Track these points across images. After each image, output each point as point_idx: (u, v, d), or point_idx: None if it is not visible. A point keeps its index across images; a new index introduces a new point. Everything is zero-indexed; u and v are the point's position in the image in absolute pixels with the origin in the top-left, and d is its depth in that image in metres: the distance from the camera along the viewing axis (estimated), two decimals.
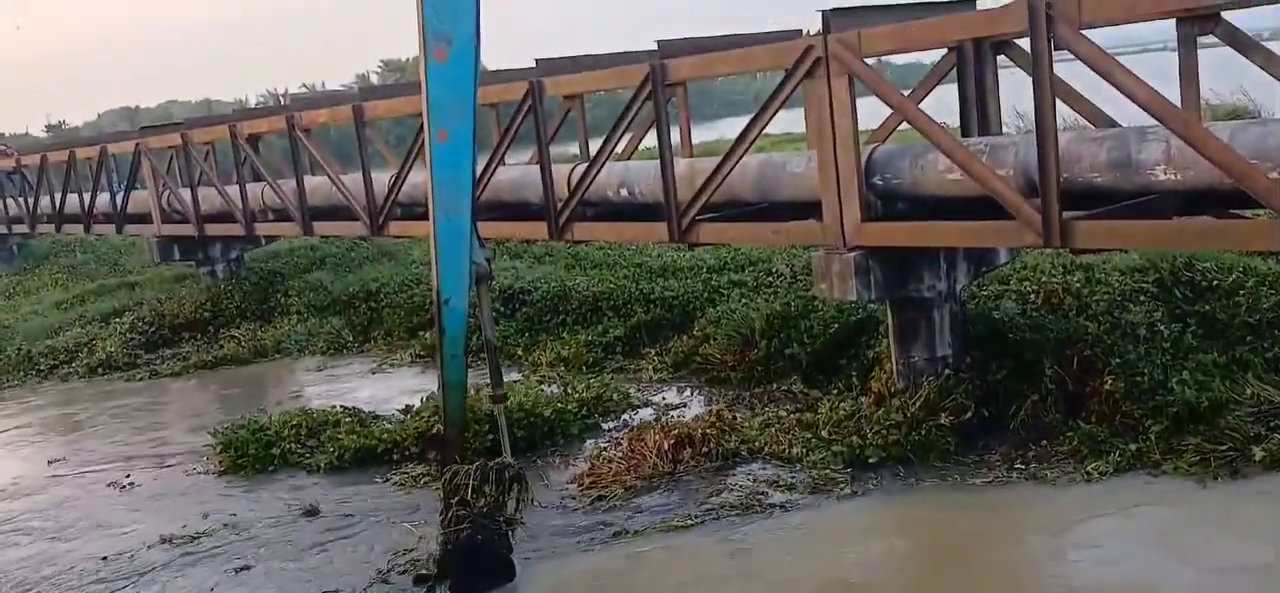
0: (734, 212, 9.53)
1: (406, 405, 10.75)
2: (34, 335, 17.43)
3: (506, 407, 8.05)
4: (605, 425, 10.02)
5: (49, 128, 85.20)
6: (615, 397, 10.58)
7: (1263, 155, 6.38)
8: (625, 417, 10.16)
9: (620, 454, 8.97)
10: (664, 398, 10.60)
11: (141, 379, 15.01)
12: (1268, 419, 7.71)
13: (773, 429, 8.99)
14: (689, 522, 7.73)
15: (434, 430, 9.33)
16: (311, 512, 8.83)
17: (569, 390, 10.62)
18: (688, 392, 10.78)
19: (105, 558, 8.46)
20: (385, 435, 9.99)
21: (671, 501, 8.14)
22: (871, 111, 8.81)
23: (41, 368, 16.06)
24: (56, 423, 13.29)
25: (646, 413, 10.14)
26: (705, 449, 8.74)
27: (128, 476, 10.46)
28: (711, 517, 7.77)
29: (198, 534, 8.67)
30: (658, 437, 8.94)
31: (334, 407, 11.06)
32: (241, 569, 7.93)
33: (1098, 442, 7.86)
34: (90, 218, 20.21)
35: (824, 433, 8.64)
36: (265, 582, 7.75)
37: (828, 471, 8.14)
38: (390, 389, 12.38)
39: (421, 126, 12.49)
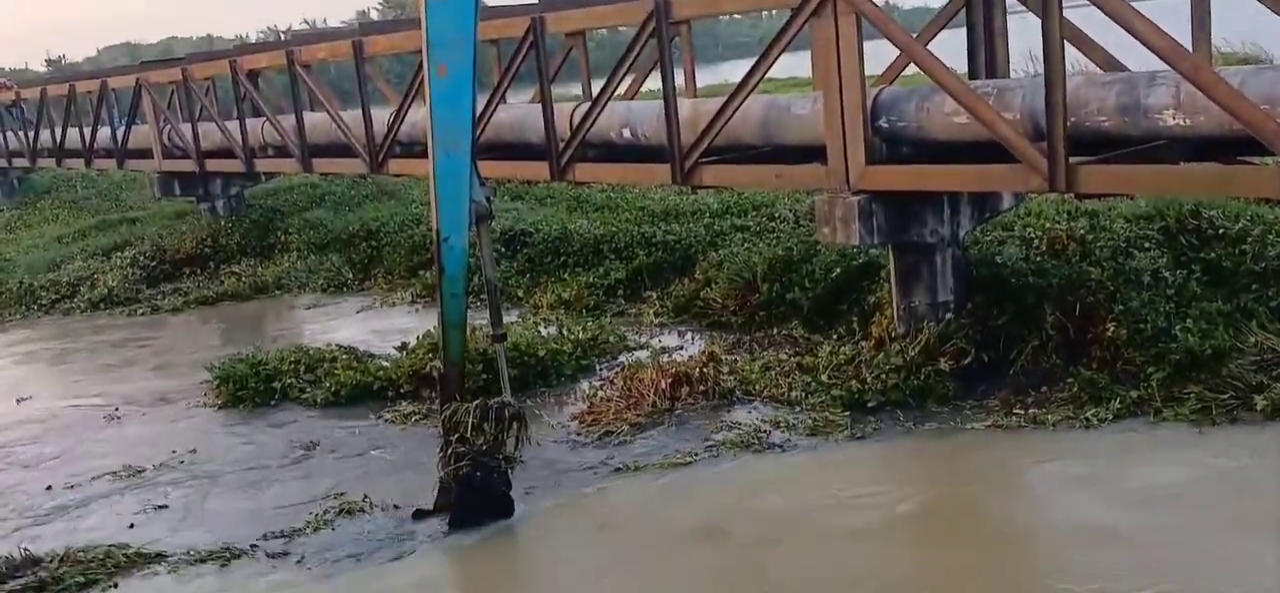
0: (737, 154, 9.45)
1: (402, 343, 10.75)
2: (35, 269, 17.46)
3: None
4: (599, 367, 10.02)
5: (49, 62, 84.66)
6: (612, 339, 10.58)
7: (1273, 102, 6.30)
8: (622, 359, 10.15)
9: (617, 392, 8.98)
10: (661, 342, 10.57)
11: (142, 314, 15.03)
12: (1270, 368, 7.67)
13: (772, 373, 8.98)
14: (690, 458, 7.76)
15: (429, 369, 9.33)
16: (309, 447, 8.86)
17: (565, 332, 10.62)
18: (688, 335, 10.75)
19: (50, 488, 8.54)
20: (381, 373, 10.01)
21: (671, 438, 8.17)
22: (877, 56, 8.70)
23: (43, 301, 16.07)
24: (57, 355, 13.33)
25: (642, 356, 10.11)
26: (702, 388, 8.77)
27: (116, 409, 10.46)
28: (711, 454, 7.80)
29: (156, 466, 8.73)
30: (654, 375, 8.95)
31: (329, 345, 11.05)
32: (160, 508, 7.95)
33: (1098, 388, 7.84)
34: (91, 153, 20.13)
35: (823, 377, 8.63)
36: (185, 517, 7.79)
37: (827, 413, 8.14)
38: (389, 327, 12.36)
39: (421, 63, 12.44)
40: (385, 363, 10.33)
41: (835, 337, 9.55)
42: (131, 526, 7.70)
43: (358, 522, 7.40)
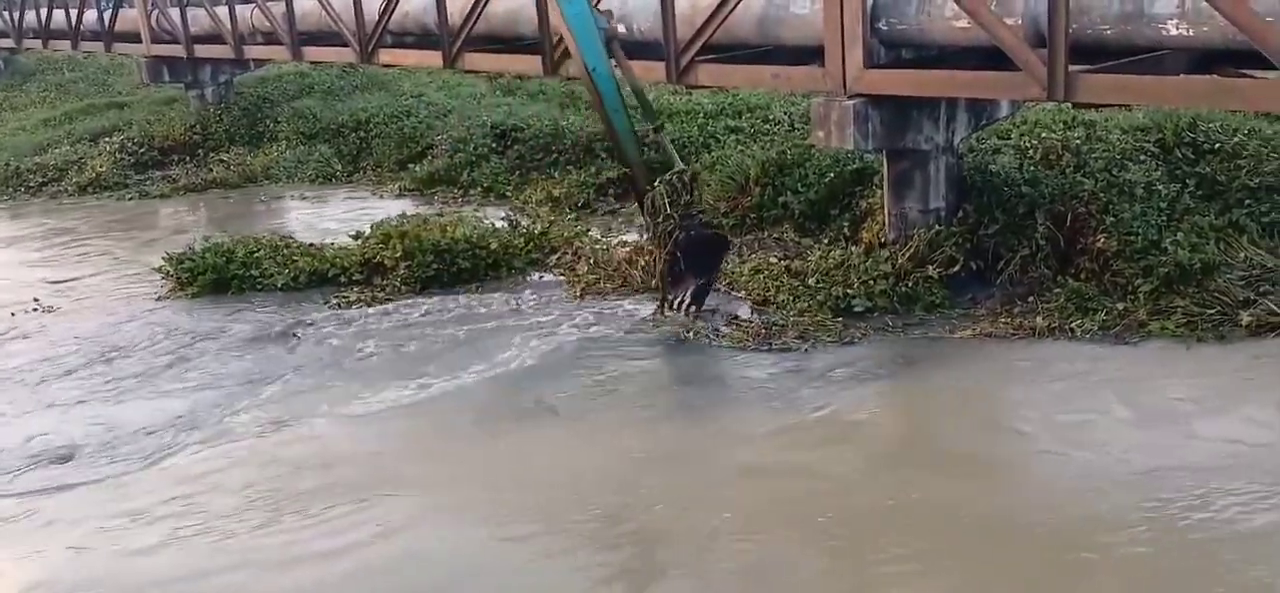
0: (735, 54, 9.31)
1: (357, 232, 10.83)
2: (22, 152, 17.26)
3: (456, 236, 9.95)
4: (551, 261, 10.18)
5: None
6: (567, 234, 10.70)
7: (1278, 14, 6.21)
8: (578, 247, 10.35)
9: (586, 268, 9.64)
10: (623, 240, 10.58)
11: (130, 199, 14.95)
12: (1257, 284, 7.69)
13: (762, 275, 8.98)
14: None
15: (378, 258, 10.05)
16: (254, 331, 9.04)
17: (516, 226, 10.76)
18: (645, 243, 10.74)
19: None
20: (336, 260, 10.21)
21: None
22: None
23: (31, 184, 15.95)
24: (32, 237, 13.26)
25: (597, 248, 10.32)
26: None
27: (36, 300, 10.36)
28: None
29: (50, 359, 8.78)
30: (631, 255, 9.51)
31: (287, 238, 11.07)
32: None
33: (1085, 299, 7.86)
34: (77, 35, 19.76)
35: (811, 282, 8.63)
36: (34, 407, 7.87)
37: (818, 317, 8.16)
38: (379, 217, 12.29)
39: None
40: (341, 250, 10.48)
41: (826, 241, 9.53)
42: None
43: None
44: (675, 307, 8.44)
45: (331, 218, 12.83)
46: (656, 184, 8.33)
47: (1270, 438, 6.13)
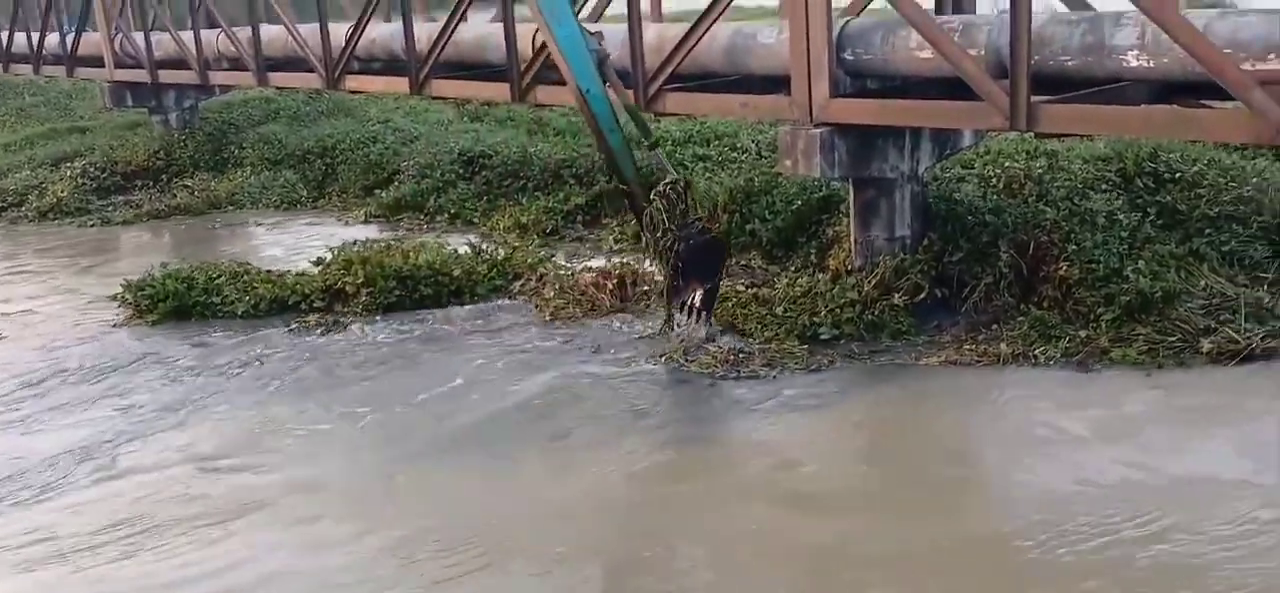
0: (702, 82, 9.36)
1: (318, 258, 10.79)
2: None
3: (419, 262, 10.06)
4: (514, 287, 10.16)
5: None
6: (530, 260, 10.68)
7: (1236, 46, 6.32)
8: (542, 273, 10.35)
9: (552, 293, 9.65)
10: (588, 265, 10.57)
11: (92, 225, 14.76)
12: (1218, 312, 7.79)
13: (729, 302, 8.99)
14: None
15: (340, 284, 10.01)
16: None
17: (480, 252, 10.73)
18: (647, 263, 10.71)
19: None
20: (297, 286, 10.16)
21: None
22: None
23: None
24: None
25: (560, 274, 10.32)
26: (645, 288, 9.46)
27: None
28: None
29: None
30: (599, 278, 9.61)
31: (245, 265, 10.97)
32: None
33: (1048, 327, 7.92)
34: (39, 59, 19.53)
35: (778, 309, 8.65)
36: None
37: (785, 344, 8.18)
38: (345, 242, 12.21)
39: None
40: (301, 277, 10.42)
41: (793, 269, 9.57)
42: None
43: None
44: (686, 313, 8.55)
45: (296, 244, 12.72)
46: (652, 197, 8.37)
47: (1225, 467, 6.19)
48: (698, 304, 8.53)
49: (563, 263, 10.80)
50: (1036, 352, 7.72)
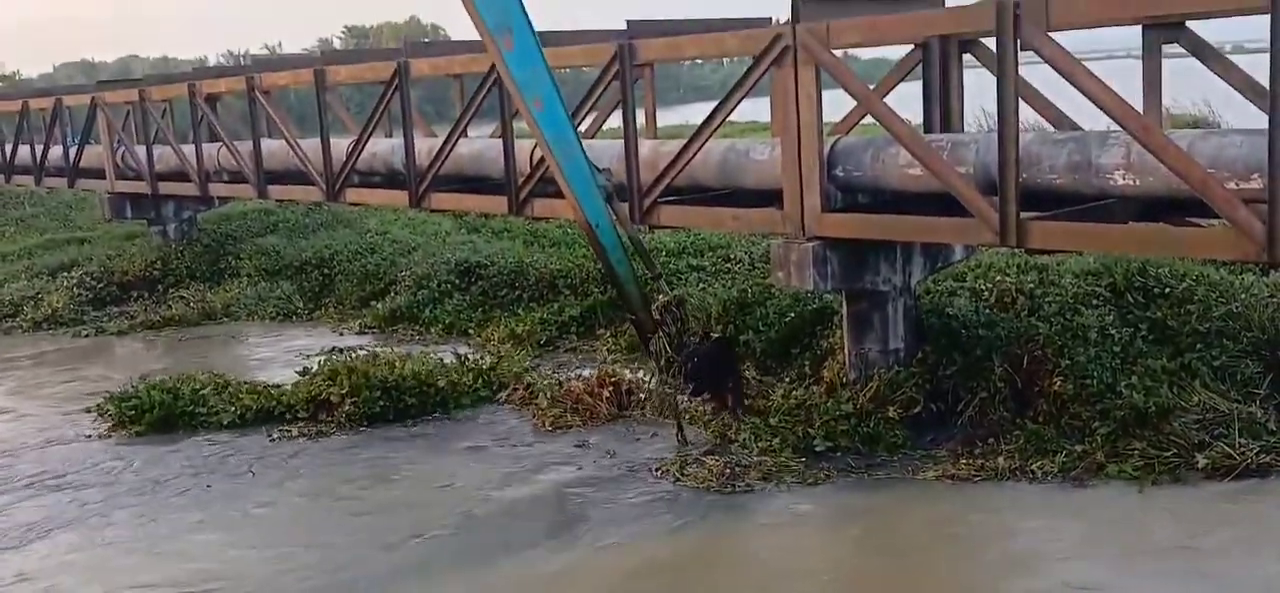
0: (696, 196, 9.49)
1: (304, 368, 10.81)
2: None
3: (404, 372, 10.08)
4: (500, 397, 10.18)
5: (2, 78, 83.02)
6: (516, 369, 10.70)
7: (1220, 165, 6.44)
8: (528, 382, 10.36)
9: (549, 402, 9.69)
10: (579, 375, 10.58)
11: (87, 336, 14.75)
12: (1212, 427, 7.78)
13: (723, 415, 8.98)
14: None
15: (325, 395, 10.02)
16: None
17: (465, 362, 10.75)
18: (641, 373, 10.72)
19: None
20: (282, 397, 10.18)
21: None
22: (836, 104, 8.80)
23: None
24: None
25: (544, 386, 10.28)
26: (644, 396, 9.54)
27: None
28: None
29: None
30: (594, 386, 9.68)
31: (220, 375, 10.99)
32: None
33: (1044, 441, 7.92)
34: (42, 171, 19.76)
35: (773, 421, 8.64)
36: None
37: (780, 457, 8.14)
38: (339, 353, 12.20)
39: (382, 95, 12.39)
40: (287, 388, 10.44)
41: (787, 380, 9.58)
42: None
43: None
44: (733, 411, 8.91)
45: (288, 356, 12.69)
46: (659, 324, 8.79)
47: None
48: (731, 404, 8.95)
49: (548, 372, 10.80)
50: (1033, 466, 7.71)
